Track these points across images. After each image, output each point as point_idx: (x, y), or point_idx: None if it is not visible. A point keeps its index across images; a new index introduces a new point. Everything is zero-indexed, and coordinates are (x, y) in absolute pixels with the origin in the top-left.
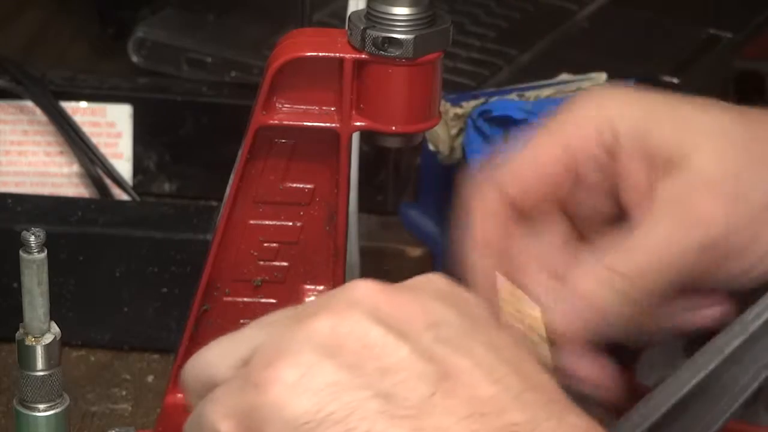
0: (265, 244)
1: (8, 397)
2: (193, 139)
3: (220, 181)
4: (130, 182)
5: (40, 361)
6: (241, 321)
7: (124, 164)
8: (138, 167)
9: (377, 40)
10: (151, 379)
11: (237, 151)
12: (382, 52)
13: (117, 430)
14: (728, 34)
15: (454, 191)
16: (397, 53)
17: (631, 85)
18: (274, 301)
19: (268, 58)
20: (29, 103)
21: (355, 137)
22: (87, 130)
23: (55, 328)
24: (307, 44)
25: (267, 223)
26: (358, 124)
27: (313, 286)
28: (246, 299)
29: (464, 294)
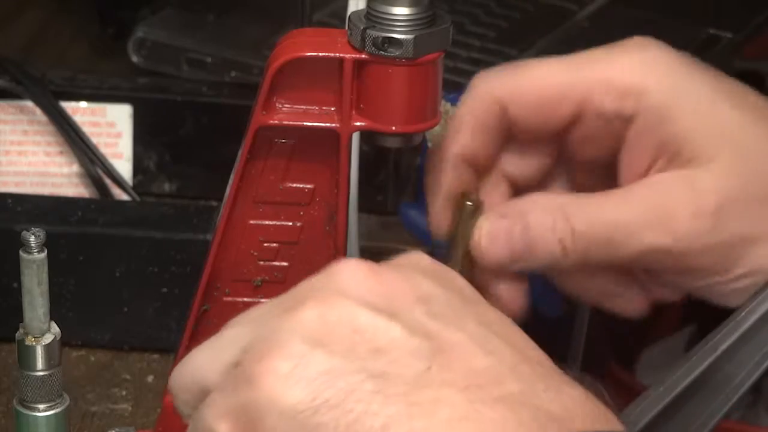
0: (265, 244)
1: (8, 397)
2: (193, 139)
3: (220, 181)
4: (130, 182)
5: (40, 361)
6: None
7: (124, 164)
8: (138, 167)
9: (377, 40)
10: (151, 379)
11: (237, 151)
12: (382, 52)
13: (117, 430)
14: (728, 34)
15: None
16: (397, 53)
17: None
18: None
19: (268, 58)
20: (29, 103)
21: (355, 137)
22: (87, 130)
23: (55, 328)
24: (307, 44)
25: (267, 223)
26: (358, 124)
27: None
28: (246, 299)
29: (449, 272)
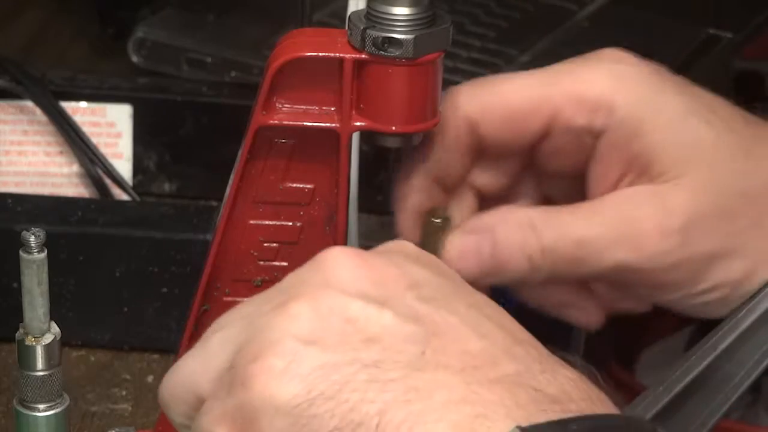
0: (265, 244)
1: (8, 397)
2: (193, 139)
3: (220, 181)
4: (130, 182)
5: (40, 361)
6: None
7: (124, 164)
8: (138, 167)
9: (377, 40)
10: (151, 379)
11: (237, 151)
12: (382, 52)
13: (117, 430)
14: (728, 34)
15: None
16: (397, 53)
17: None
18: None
19: (268, 58)
20: (29, 103)
21: (355, 137)
22: (87, 130)
23: (55, 328)
24: (307, 44)
25: (267, 223)
26: (358, 124)
27: None
28: (246, 299)
29: (435, 258)
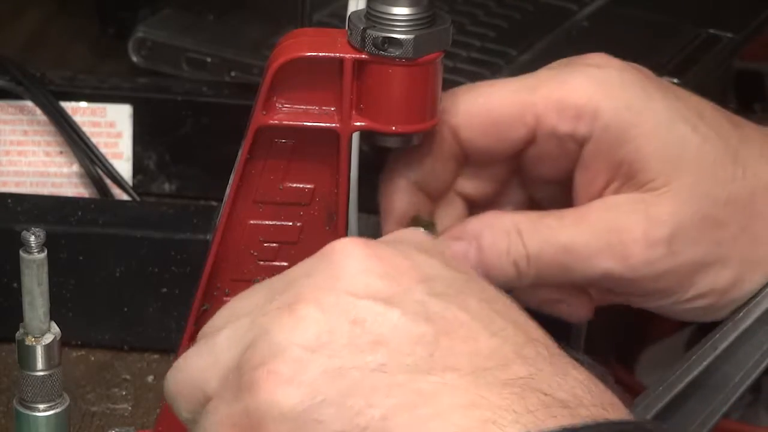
0: (265, 244)
1: (8, 397)
2: (193, 139)
3: (220, 181)
4: (130, 182)
5: (40, 361)
6: None
7: (124, 164)
8: (138, 167)
9: (377, 40)
10: (151, 379)
11: (237, 151)
12: (382, 52)
13: (117, 430)
14: (728, 34)
15: None
16: (397, 53)
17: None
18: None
19: (268, 58)
20: (29, 103)
21: (355, 137)
22: (87, 130)
23: (55, 328)
24: (307, 44)
25: (267, 223)
26: (358, 124)
27: None
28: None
29: (446, 248)
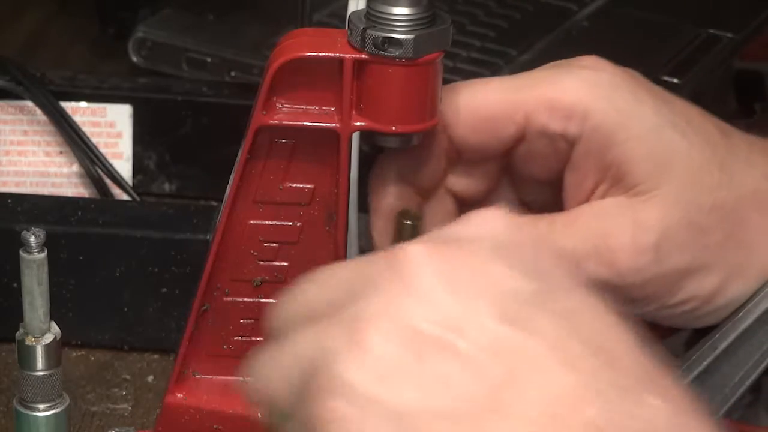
0: (265, 244)
1: (8, 397)
2: (193, 139)
3: (220, 181)
4: (130, 182)
5: (40, 361)
6: (241, 321)
7: (124, 164)
8: (138, 167)
9: (377, 40)
10: (151, 379)
11: (237, 151)
12: (382, 52)
13: (117, 430)
14: (728, 34)
15: None
16: (397, 53)
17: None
18: (274, 301)
19: (268, 58)
20: (29, 103)
21: (355, 137)
22: (87, 130)
23: (55, 328)
24: (307, 44)
25: (267, 223)
26: (358, 124)
27: None
28: (246, 299)
29: (527, 240)
